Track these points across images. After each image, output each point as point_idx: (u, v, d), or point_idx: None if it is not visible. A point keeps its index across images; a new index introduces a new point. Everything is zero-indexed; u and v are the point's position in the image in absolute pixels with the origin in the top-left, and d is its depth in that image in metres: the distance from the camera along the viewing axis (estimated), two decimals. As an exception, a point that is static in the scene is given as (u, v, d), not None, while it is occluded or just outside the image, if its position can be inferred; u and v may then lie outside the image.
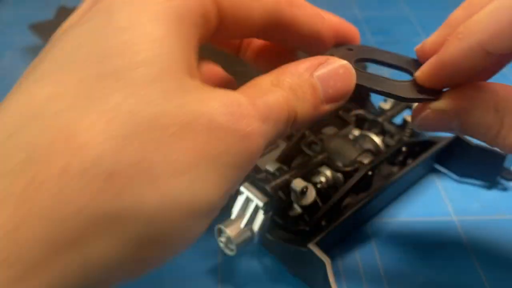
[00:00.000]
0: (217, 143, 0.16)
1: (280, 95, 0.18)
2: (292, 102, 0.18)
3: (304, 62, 0.20)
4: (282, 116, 0.18)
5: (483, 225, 0.33)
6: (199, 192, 0.15)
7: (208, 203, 0.16)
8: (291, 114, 0.18)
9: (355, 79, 0.20)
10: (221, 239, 0.27)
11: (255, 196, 0.26)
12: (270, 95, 0.18)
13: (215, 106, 0.16)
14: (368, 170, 0.30)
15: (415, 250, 0.31)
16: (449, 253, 0.31)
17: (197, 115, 0.15)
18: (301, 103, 0.18)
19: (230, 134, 0.16)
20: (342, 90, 0.20)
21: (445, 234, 0.33)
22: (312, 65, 0.19)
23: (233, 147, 0.16)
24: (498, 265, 0.31)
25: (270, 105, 0.17)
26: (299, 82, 0.19)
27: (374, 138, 0.32)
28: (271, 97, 0.17)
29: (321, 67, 0.19)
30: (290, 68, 0.19)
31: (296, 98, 0.18)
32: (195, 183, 0.15)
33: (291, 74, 0.19)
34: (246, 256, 0.31)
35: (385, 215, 0.34)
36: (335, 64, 0.20)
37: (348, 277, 0.30)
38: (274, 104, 0.17)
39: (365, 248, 0.32)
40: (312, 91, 0.19)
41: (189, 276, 0.30)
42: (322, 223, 0.29)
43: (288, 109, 0.18)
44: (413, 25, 0.59)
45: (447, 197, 0.35)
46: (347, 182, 0.30)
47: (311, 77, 0.19)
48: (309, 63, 0.19)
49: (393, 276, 0.30)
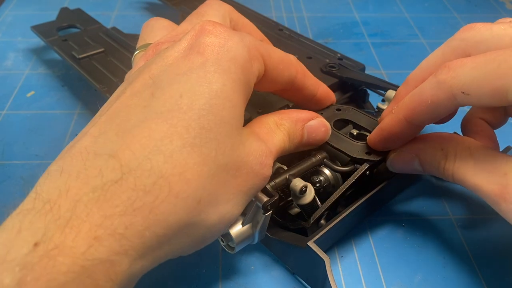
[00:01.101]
0: (250, 183, 0.24)
1: (281, 139, 0.26)
2: (286, 144, 0.27)
3: (302, 113, 0.28)
4: (280, 154, 0.27)
5: (480, 223, 0.34)
6: (234, 212, 0.24)
7: (235, 218, 0.24)
8: (283, 150, 0.27)
9: (328, 136, 0.30)
10: (222, 237, 0.27)
11: (256, 195, 0.27)
12: (275, 138, 0.26)
13: (253, 158, 0.24)
14: (366, 169, 0.30)
15: (413, 249, 0.32)
16: (447, 251, 0.32)
17: (244, 163, 0.23)
18: (290, 144, 0.27)
19: (258, 177, 0.24)
20: (318, 141, 0.29)
21: (442, 232, 0.33)
22: (307, 117, 0.28)
23: (257, 185, 0.24)
24: (495, 264, 0.31)
25: (277, 148, 0.26)
26: (294, 129, 0.27)
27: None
28: (276, 140, 0.26)
29: (312, 121, 0.28)
30: (291, 114, 0.28)
31: (289, 140, 0.27)
32: (234, 207, 0.23)
33: (290, 120, 0.27)
34: (246, 255, 0.31)
35: (383, 214, 0.34)
36: (321, 122, 0.29)
37: (347, 276, 0.30)
38: (279, 146, 0.26)
39: (364, 247, 0.32)
40: (300, 138, 0.28)
41: (191, 274, 0.30)
42: (321, 221, 0.29)
43: (284, 147, 0.27)
44: (411, 27, 0.60)
45: (445, 196, 0.36)
46: (346, 181, 0.30)
47: (303, 128, 0.28)
48: (305, 115, 0.28)
49: (392, 275, 0.30)
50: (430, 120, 0.26)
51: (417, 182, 0.37)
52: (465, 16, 0.61)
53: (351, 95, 0.41)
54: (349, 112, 0.34)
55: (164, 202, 0.19)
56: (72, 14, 0.54)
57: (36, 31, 0.50)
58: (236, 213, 0.24)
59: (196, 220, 0.21)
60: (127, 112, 0.21)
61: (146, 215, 0.19)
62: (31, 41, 0.53)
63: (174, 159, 0.20)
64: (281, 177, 0.29)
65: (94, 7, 0.62)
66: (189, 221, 0.21)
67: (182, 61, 0.23)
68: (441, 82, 0.24)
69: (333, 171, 0.30)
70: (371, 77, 0.40)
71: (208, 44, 0.23)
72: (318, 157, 0.31)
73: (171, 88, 0.21)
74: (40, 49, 0.53)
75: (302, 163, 0.30)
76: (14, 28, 0.58)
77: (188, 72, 0.22)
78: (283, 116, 0.27)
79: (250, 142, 0.24)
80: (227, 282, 0.30)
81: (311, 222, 0.29)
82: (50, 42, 0.48)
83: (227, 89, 0.22)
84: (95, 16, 0.54)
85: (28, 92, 0.47)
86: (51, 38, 0.49)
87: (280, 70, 0.27)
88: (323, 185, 0.30)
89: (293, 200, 0.29)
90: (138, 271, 0.20)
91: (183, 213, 0.20)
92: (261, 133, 0.26)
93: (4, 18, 0.60)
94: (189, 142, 0.20)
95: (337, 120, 0.33)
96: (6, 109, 0.44)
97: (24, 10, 0.62)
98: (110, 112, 0.22)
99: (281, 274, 0.30)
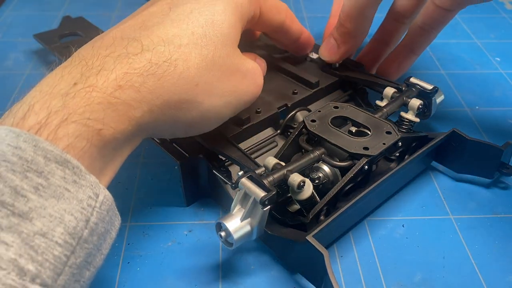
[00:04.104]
0: (244, 86, 0.30)
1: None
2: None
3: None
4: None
5: (479, 223, 0.34)
6: (225, 112, 0.29)
7: (224, 117, 0.30)
8: None
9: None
10: (220, 233, 0.27)
11: (253, 191, 0.27)
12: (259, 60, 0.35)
13: (249, 66, 0.30)
14: (364, 164, 0.30)
15: (413, 249, 0.32)
16: (447, 251, 0.32)
17: (239, 70, 0.29)
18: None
19: (252, 84, 0.30)
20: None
21: (442, 232, 0.33)
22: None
23: (251, 92, 0.31)
24: (495, 264, 0.31)
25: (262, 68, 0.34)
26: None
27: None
28: (260, 61, 0.35)
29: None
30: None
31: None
32: (226, 106, 0.29)
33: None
34: (246, 254, 0.31)
35: (383, 214, 0.34)
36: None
37: (346, 275, 0.30)
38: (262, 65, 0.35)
39: (364, 246, 0.32)
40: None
41: (191, 273, 0.30)
42: (321, 217, 0.29)
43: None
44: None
45: (444, 196, 0.36)
46: (344, 177, 0.30)
47: None
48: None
49: (391, 274, 0.30)
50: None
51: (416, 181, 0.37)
52: (465, 16, 0.61)
53: (351, 94, 0.41)
54: (347, 109, 0.35)
55: (169, 76, 0.25)
56: (74, 22, 0.54)
57: (38, 39, 0.50)
58: (227, 114, 0.29)
59: (193, 100, 0.26)
60: (149, 17, 0.27)
61: (156, 80, 0.25)
62: (32, 41, 0.53)
63: (181, 50, 0.26)
64: (279, 173, 0.29)
65: (95, 7, 0.62)
66: (187, 98, 0.26)
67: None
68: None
69: (332, 167, 0.30)
70: (370, 75, 0.40)
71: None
72: (316, 153, 0.31)
73: (185, 6, 0.28)
74: (40, 49, 0.53)
75: (300, 159, 0.30)
76: (14, 28, 0.58)
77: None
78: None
79: (244, 57, 0.30)
80: (226, 281, 0.29)
81: (310, 217, 0.29)
82: (52, 48, 0.48)
83: (227, 12, 0.28)
84: (96, 16, 0.54)
85: (28, 92, 0.47)
86: (53, 45, 0.49)
87: (272, 14, 0.33)
88: (322, 181, 0.30)
89: (292, 195, 0.29)
90: (145, 124, 0.25)
91: (183, 88, 0.26)
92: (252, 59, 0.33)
93: (4, 18, 0.60)
94: (193, 41, 0.26)
95: (335, 118, 0.33)
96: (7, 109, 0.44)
97: (24, 10, 0.62)
98: (137, 17, 0.28)
99: (281, 274, 0.30)
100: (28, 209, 0.19)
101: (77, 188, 0.21)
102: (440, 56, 0.52)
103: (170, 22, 0.27)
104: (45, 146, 0.20)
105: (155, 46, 0.25)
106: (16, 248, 0.18)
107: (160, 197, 0.35)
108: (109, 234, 0.23)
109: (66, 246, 0.20)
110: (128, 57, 0.24)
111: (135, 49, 0.25)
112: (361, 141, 0.31)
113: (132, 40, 0.25)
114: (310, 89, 0.38)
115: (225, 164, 0.33)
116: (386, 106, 0.36)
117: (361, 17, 0.38)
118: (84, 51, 0.26)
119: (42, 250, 0.19)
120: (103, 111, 0.23)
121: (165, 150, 0.33)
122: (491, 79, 0.50)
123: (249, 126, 0.34)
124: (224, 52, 0.28)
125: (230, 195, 0.32)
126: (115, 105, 0.23)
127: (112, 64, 0.24)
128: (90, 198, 0.21)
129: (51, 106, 0.22)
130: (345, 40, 0.39)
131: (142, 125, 0.25)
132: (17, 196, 0.19)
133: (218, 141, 0.32)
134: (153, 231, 0.33)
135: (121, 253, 0.31)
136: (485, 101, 0.46)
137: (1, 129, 0.21)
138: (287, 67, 0.40)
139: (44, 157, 0.20)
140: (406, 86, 0.37)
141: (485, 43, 0.56)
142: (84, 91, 0.23)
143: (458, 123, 0.43)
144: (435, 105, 0.38)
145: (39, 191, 0.20)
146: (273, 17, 0.34)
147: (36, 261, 0.19)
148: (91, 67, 0.24)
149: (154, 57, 0.25)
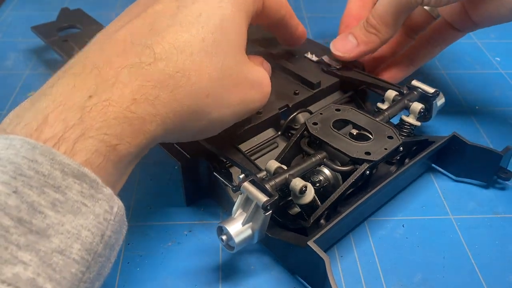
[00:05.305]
0: (250, 95, 0.30)
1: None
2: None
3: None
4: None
5: (479, 223, 0.34)
6: (229, 119, 0.29)
7: (229, 124, 0.30)
8: None
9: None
10: (222, 237, 0.27)
11: (255, 195, 0.27)
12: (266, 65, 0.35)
13: (257, 75, 0.30)
14: (366, 170, 0.30)
15: (413, 249, 0.32)
16: (447, 251, 0.32)
17: (247, 79, 0.29)
18: None
19: (259, 93, 0.30)
20: None
21: (442, 232, 0.33)
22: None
23: (257, 100, 0.30)
24: (495, 264, 0.31)
25: (268, 71, 0.34)
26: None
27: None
28: (266, 66, 0.35)
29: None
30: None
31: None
32: (232, 114, 0.29)
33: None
34: (246, 255, 0.31)
35: (383, 214, 0.34)
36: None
37: (347, 275, 0.30)
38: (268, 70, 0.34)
39: (364, 247, 0.32)
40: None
41: (191, 273, 0.30)
42: (321, 221, 0.29)
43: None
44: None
45: (444, 196, 0.36)
46: (345, 181, 0.30)
47: None
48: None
49: (391, 274, 0.30)
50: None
51: (416, 182, 0.37)
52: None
53: (351, 95, 0.41)
54: (349, 112, 0.34)
55: (182, 87, 0.25)
56: (73, 14, 0.54)
57: (36, 31, 0.50)
58: (233, 121, 0.30)
59: (202, 111, 0.26)
60: (157, 18, 0.26)
61: (169, 92, 0.24)
62: (32, 41, 0.53)
63: (193, 58, 0.25)
64: (281, 177, 0.29)
65: (94, 7, 0.62)
66: (197, 109, 0.26)
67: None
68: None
69: (333, 171, 0.30)
70: (371, 77, 0.40)
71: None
72: (318, 157, 0.31)
73: (193, 6, 0.27)
74: (40, 49, 0.53)
75: (301, 163, 0.30)
76: (14, 28, 0.58)
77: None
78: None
79: (251, 64, 0.30)
80: (227, 282, 0.30)
81: (311, 221, 0.29)
82: (50, 42, 0.48)
83: (236, 16, 0.28)
84: (95, 16, 0.54)
85: (28, 92, 0.47)
86: (51, 38, 0.49)
87: (273, 9, 0.33)
88: (323, 185, 0.30)
89: (293, 200, 0.29)
90: (158, 137, 0.25)
91: (194, 99, 0.26)
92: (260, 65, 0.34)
93: (4, 18, 0.60)
94: (204, 49, 0.26)
95: (337, 120, 0.33)
96: (7, 109, 0.44)
97: (24, 10, 0.62)
98: (143, 16, 0.27)
99: (281, 274, 0.30)
100: (46, 225, 0.19)
101: (93, 202, 0.21)
102: (440, 56, 0.52)
103: (179, 26, 0.26)
104: (62, 160, 0.20)
105: (167, 55, 0.25)
106: (34, 267, 0.18)
107: (160, 197, 0.35)
108: (117, 243, 0.23)
109: (82, 263, 0.20)
110: (141, 68, 0.24)
111: (148, 58, 0.24)
112: (363, 146, 0.31)
113: (144, 47, 0.25)
114: (311, 89, 0.38)
115: (226, 166, 0.33)
116: (387, 109, 0.36)
117: (396, 22, 0.37)
118: (93, 55, 0.25)
119: (60, 268, 0.19)
120: (119, 126, 0.23)
121: (166, 151, 0.33)
122: (491, 79, 0.50)
123: (250, 127, 0.34)
124: (233, 61, 0.28)
125: (230, 197, 0.32)
126: (131, 120, 0.23)
127: (127, 76, 0.24)
128: (106, 212, 0.21)
129: (67, 119, 0.21)
130: (369, 41, 0.38)
131: (156, 138, 0.25)
132: (35, 212, 0.19)
133: (220, 143, 0.32)
134: (153, 231, 0.33)
135: (121, 253, 0.31)
136: (485, 101, 0.46)
137: (15, 139, 0.20)
138: (287, 66, 0.40)
139: (62, 171, 0.20)
140: (408, 89, 0.37)
141: (485, 43, 0.56)
142: (101, 105, 0.22)
143: (457, 123, 0.43)
144: (436, 109, 0.38)
145: (56, 206, 0.20)
146: (275, 12, 0.34)
147: (54, 280, 0.19)
148: (105, 79, 0.23)
149: (167, 68, 0.24)
